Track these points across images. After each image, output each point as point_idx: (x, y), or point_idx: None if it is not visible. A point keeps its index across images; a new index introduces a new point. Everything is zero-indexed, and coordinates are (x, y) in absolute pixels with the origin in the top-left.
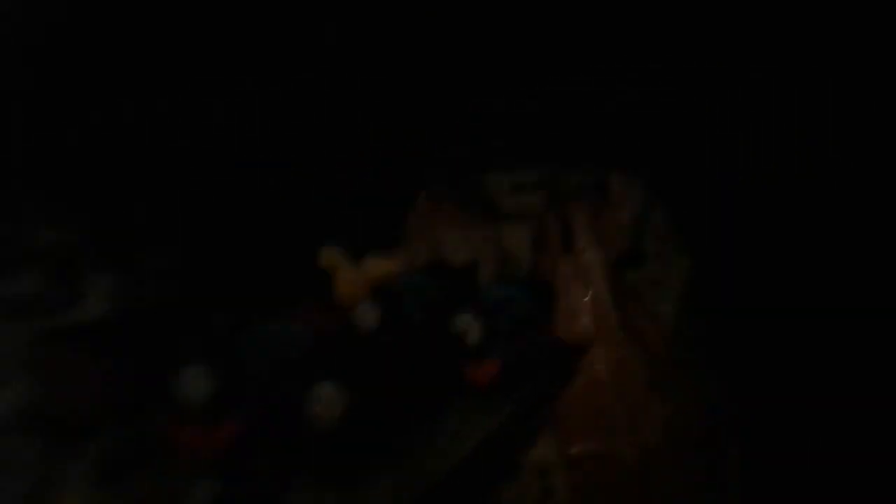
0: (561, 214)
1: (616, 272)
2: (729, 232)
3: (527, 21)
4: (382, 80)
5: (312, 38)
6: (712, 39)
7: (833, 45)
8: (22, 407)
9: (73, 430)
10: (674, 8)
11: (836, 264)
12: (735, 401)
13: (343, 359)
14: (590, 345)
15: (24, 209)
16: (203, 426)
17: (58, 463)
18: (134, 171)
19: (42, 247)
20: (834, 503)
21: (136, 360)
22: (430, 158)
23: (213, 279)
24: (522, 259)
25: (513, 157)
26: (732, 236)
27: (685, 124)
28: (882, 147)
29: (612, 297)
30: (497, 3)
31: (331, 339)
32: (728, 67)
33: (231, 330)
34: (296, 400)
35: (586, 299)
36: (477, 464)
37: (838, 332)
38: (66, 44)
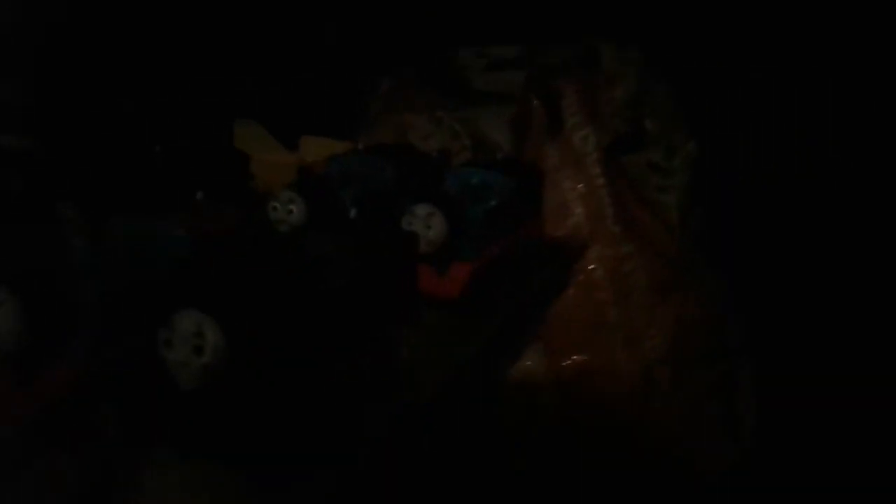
0: (546, 93)
1: (612, 157)
2: (741, 109)
3: None
4: None
5: None
6: None
7: None
8: None
9: None
10: None
11: (854, 156)
12: (745, 309)
13: (223, 278)
14: (583, 245)
15: None
16: (14, 378)
17: None
18: None
19: None
20: (851, 424)
21: None
22: (395, 35)
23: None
24: (501, 146)
25: (488, 31)
26: (744, 114)
27: None
28: None
29: (608, 186)
30: None
31: (224, 244)
32: None
33: (71, 233)
34: (153, 338)
35: (578, 189)
36: (443, 401)
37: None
38: None
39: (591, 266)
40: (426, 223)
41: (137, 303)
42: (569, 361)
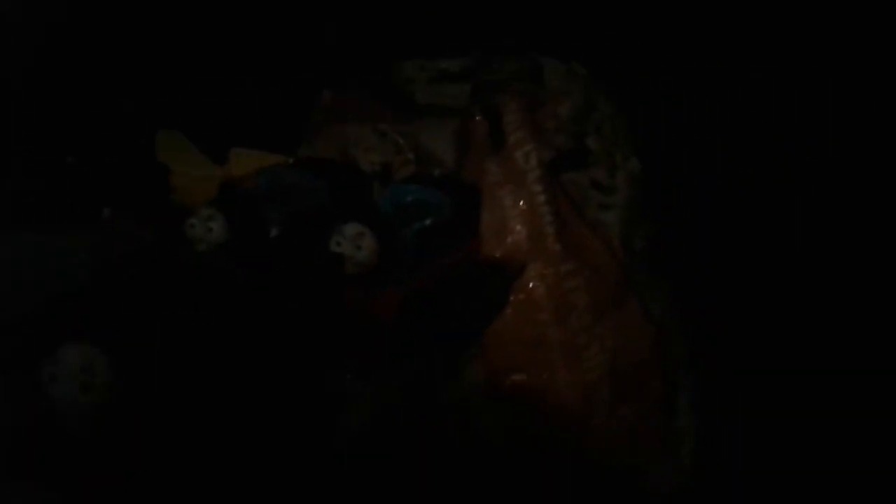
0: (488, 107)
1: (553, 175)
2: (686, 127)
3: None
4: None
5: None
6: None
7: None
8: None
9: None
10: None
11: (810, 164)
12: (689, 328)
13: (143, 303)
14: (523, 264)
15: None
16: None
17: None
18: None
19: None
20: (799, 439)
21: None
22: (336, 46)
23: None
24: (444, 160)
25: (431, 44)
26: (689, 132)
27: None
28: None
29: (549, 204)
30: None
31: (129, 267)
32: None
33: None
34: (31, 376)
35: (519, 206)
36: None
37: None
38: None
39: (531, 284)
40: (356, 243)
41: (19, 330)
42: (508, 381)
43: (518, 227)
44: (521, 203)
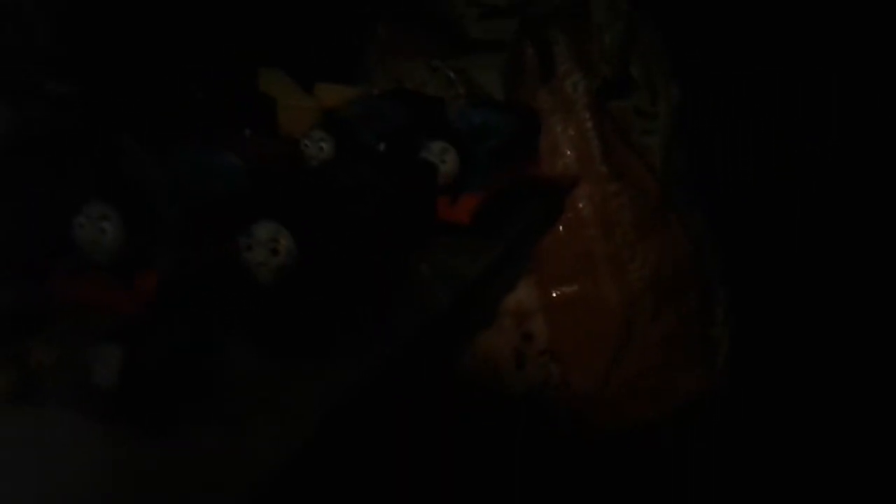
0: (538, 40)
1: (599, 102)
2: (724, 55)
3: None
4: None
5: None
6: None
7: None
8: None
9: None
10: None
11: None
12: (724, 245)
13: (289, 197)
14: (575, 182)
15: None
16: (113, 281)
17: None
18: None
19: None
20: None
21: (24, 202)
22: None
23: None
24: (493, 93)
25: None
26: (728, 60)
27: None
28: None
29: (596, 129)
30: None
31: (273, 173)
32: None
33: (142, 159)
34: (228, 246)
35: (568, 132)
36: (455, 314)
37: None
38: None
39: (580, 204)
40: (441, 158)
41: (213, 216)
42: (558, 292)
43: (568, 151)
44: (571, 129)
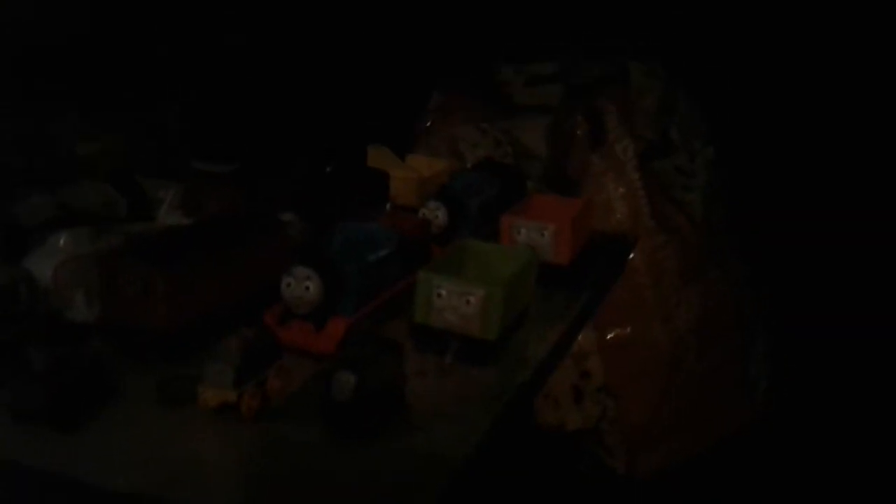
0: (589, 109)
1: (644, 163)
2: (753, 119)
3: None
4: None
5: None
6: None
7: None
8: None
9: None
10: None
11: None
12: (762, 288)
13: (426, 256)
14: (636, 241)
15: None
16: (316, 326)
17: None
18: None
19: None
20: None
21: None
22: (443, 54)
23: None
24: (538, 153)
25: (527, 50)
26: (756, 123)
27: (705, 7)
28: None
29: (644, 188)
30: None
31: (413, 238)
32: None
33: (326, 234)
34: (391, 298)
35: (620, 191)
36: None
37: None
38: None
39: (631, 255)
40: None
41: (379, 274)
42: (613, 334)
43: (620, 209)
44: (622, 188)
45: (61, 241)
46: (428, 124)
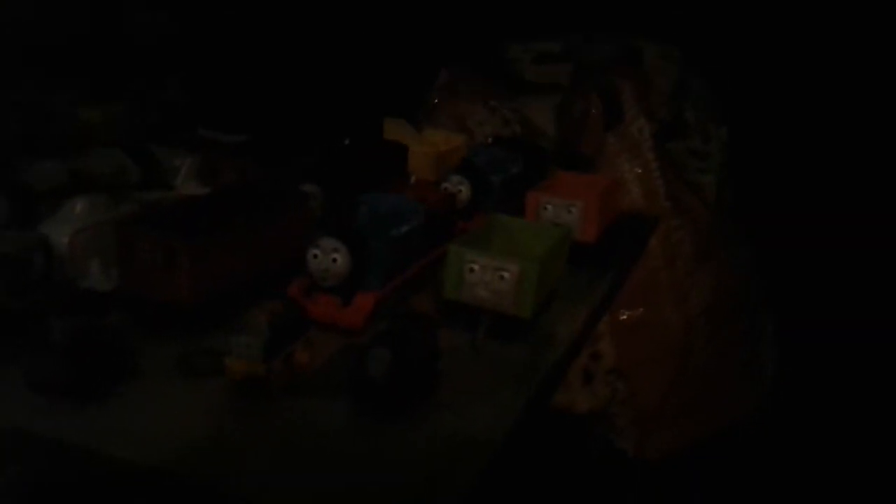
0: (604, 87)
1: (659, 144)
2: (767, 99)
3: None
4: None
5: None
6: None
7: None
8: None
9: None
10: None
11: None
12: (770, 272)
13: (450, 230)
14: (657, 223)
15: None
16: (343, 300)
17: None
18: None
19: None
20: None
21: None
22: (451, 31)
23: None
24: (547, 131)
25: (535, 28)
26: (771, 103)
27: None
28: None
29: (659, 169)
30: None
31: (438, 211)
32: None
33: (357, 204)
34: (417, 271)
35: (635, 171)
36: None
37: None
38: None
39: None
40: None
41: (407, 246)
42: (625, 316)
43: (635, 189)
44: (637, 168)
45: (77, 208)
46: (435, 101)
